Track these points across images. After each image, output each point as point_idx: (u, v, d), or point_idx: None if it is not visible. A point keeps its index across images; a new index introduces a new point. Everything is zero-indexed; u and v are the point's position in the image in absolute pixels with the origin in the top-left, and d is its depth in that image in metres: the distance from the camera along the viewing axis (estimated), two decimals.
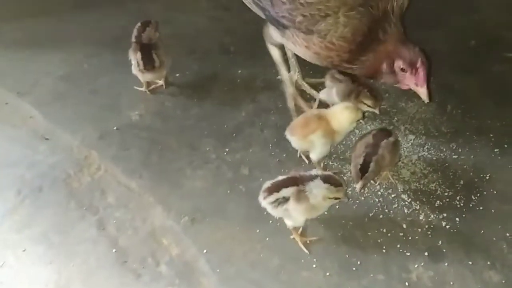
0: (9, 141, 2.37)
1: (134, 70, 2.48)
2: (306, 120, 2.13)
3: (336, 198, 1.88)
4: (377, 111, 2.28)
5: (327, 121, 2.10)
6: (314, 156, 2.14)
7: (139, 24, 2.59)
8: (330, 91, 2.33)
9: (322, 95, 2.38)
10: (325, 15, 1.92)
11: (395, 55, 1.97)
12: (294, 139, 2.15)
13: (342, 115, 2.10)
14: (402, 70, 1.97)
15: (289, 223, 1.92)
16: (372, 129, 2.24)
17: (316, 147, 2.11)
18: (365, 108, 2.26)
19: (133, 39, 2.53)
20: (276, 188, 1.86)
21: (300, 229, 1.96)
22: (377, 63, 2.01)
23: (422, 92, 1.98)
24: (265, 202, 1.87)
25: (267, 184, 1.89)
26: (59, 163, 2.26)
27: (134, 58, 2.45)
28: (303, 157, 2.24)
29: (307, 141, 2.11)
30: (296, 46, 2.10)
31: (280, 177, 1.91)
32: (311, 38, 2.00)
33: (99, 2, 3.20)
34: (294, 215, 1.86)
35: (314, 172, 1.91)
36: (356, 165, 1.98)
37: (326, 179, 1.85)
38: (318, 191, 1.83)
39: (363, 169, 1.96)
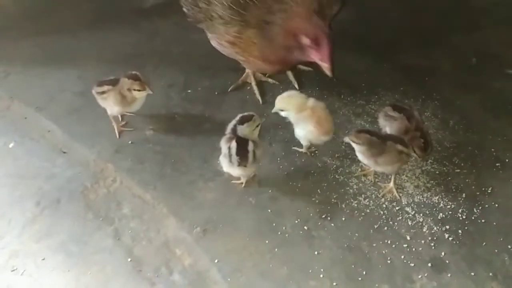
0: (28, 154, 2.46)
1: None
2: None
3: (258, 126, 2.18)
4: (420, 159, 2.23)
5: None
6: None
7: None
8: (384, 130, 2.28)
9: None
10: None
11: (299, 31, 2.04)
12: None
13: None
14: (308, 45, 2.04)
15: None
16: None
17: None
18: (412, 154, 2.17)
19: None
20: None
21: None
22: (285, 39, 2.11)
23: (326, 67, 2.07)
24: None
25: None
26: (76, 175, 2.34)
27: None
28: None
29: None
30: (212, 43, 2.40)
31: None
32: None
33: (113, 21, 3.31)
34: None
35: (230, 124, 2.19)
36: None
37: (242, 121, 2.16)
38: (245, 130, 2.13)
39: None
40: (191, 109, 2.65)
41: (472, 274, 1.93)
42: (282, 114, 2.31)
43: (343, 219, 2.13)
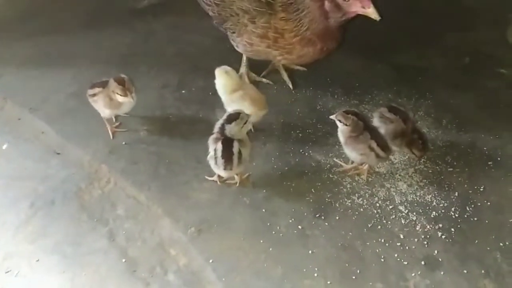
0: (22, 155, 2.45)
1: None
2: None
3: (245, 123, 2.18)
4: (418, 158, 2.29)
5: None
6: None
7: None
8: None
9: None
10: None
11: None
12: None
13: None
14: (341, 1, 2.03)
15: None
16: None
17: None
18: (409, 154, 2.28)
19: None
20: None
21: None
22: (317, 7, 2.10)
23: (371, 11, 2.02)
24: None
25: None
26: (70, 176, 2.34)
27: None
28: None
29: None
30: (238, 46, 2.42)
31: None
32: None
33: (108, 22, 3.30)
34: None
35: (217, 123, 2.20)
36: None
37: (230, 120, 2.16)
38: (233, 129, 2.13)
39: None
40: (186, 110, 2.66)
41: (465, 271, 1.95)
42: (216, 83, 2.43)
43: (337, 218, 2.14)
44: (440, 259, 1.99)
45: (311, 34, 2.20)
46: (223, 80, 2.43)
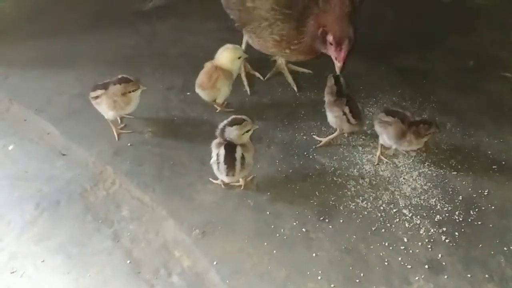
0: (28, 156, 2.46)
1: None
2: (208, 73, 2.53)
3: (248, 131, 2.17)
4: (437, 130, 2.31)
5: (221, 67, 2.53)
6: (221, 99, 2.58)
7: None
8: (382, 137, 2.34)
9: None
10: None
11: (330, 28, 2.28)
12: (206, 92, 2.55)
13: (223, 56, 2.55)
14: (330, 42, 2.29)
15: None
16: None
17: (222, 91, 2.55)
18: (427, 140, 2.32)
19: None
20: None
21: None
22: (315, 28, 2.32)
23: (337, 66, 2.34)
24: None
25: None
26: (75, 177, 2.35)
27: None
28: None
29: (216, 89, 2.52)
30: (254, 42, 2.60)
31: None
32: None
33: (112, 23, 3.32)
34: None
35: (220, 125, 2.19)
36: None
37: (232, 123, 2.15)
38: (233, 133, 2.12)
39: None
40: (190, 112, 2.67)
41: (469, 275, 1.95)
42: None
43: (341, 221, 2.14)
44: (444, 263, 1.99)
45: (304, 46, 2.45)
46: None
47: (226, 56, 2.56)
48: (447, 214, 2.16)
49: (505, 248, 2.03)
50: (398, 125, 2.26)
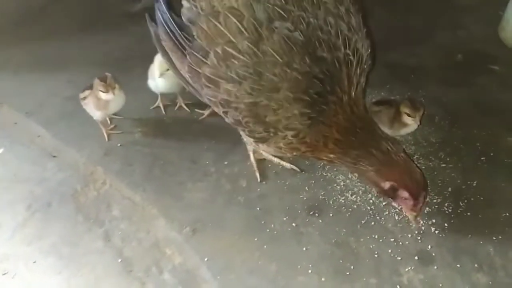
0: (19, 159, 2.47)
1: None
2: (158, 62, 2.51)
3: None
4: (417, 122, 2.23)
5: None
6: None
7: None
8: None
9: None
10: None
11: (401, 185, 1.88)
12: (162, 79, 2.50)
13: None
14: (404, 197, 1.90)
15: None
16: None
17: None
18: (408, 121, 2.23)
19: None
20: None
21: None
22: (378, 180, 1.92)
23: (412, 216, 1.98)
24: None
25: None
26: (66, 179, 2.36)
27: None
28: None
29: (170, 75, 2.41)
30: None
31: None
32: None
33: (103, 26, 3.34)
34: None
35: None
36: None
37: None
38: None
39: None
40: (179, 111, 2.68)
41: (458, 266, 1.96)
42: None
43: (331, 215, 2.15)
44: (433, 254, 2.00)
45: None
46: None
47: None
48: (436, 206, 2.17)
49: (494, 238, 2.04)
50: (388, 110, 2.30)
